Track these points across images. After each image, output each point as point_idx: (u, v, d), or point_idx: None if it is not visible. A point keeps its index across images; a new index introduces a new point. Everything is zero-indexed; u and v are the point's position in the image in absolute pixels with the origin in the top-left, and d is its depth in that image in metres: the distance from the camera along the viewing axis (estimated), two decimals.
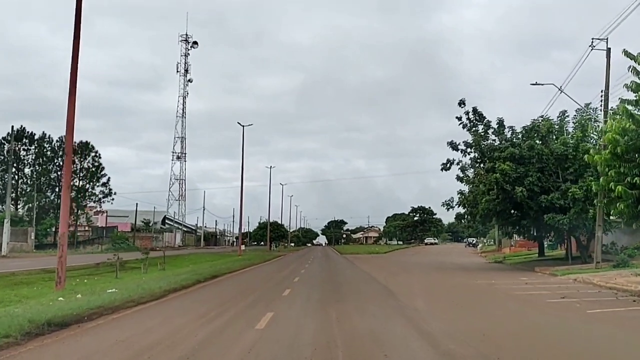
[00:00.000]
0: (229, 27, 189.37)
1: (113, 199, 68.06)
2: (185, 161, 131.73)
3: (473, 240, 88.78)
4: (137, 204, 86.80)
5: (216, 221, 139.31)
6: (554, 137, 31.98)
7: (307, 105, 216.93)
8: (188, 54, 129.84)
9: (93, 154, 66.30)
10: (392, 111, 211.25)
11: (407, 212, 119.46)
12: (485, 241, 76.83)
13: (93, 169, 66.55)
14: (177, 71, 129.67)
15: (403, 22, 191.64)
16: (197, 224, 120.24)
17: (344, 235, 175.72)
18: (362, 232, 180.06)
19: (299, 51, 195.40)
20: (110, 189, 67.64)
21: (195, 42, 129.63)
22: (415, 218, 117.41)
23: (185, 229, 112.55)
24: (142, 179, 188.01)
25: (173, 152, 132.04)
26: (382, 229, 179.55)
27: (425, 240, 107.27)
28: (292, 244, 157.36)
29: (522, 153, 30.81)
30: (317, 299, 14.98)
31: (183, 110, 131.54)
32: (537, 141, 31.77)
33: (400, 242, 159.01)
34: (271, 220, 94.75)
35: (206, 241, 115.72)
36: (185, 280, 20.61)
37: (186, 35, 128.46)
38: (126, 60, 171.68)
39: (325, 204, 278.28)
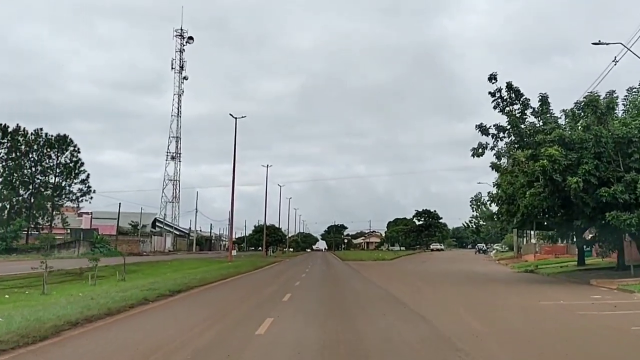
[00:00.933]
0: (231, 30, 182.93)
1: (92, 198, 61.40)
2: (180, 162, 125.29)
3: (483, 247, 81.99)
4: (119, 203, 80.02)
5: (211, 225, 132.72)
6: (607, 117, 25.43)
7: (309, 109, 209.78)
8: (183, 49, 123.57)
9: (71, 149, 59.61)
10: (394, 115, 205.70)
11: (410, 217, 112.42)
12: (500, 247, 70.17)
13: (71, 165, 59.81)
14: (172, 68, 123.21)
15: (405, 26, 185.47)
16: (190, 227, 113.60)
17: (345, 241, 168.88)
18: (363, 238, 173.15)
19: (300, 55, 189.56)
20: (89, 187, 60.89)
21: (190, 37, 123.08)
22: (420, 222, 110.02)
23: (177, 233, 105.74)
24: (143, 182, 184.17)
25: (167, 152, 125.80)
26: (383, 234, 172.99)
27: (431, 246, 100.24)
28: (291, 249, 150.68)
29: (572, 136, 24.29)
30: (316, 348, 8.40)
31: (178, 109, 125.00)
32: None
33: (403, 248, 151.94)
34: (268, 224, 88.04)
35: (200, 245, 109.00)
36: (125, 300, 14.10)
37: (181, 30, 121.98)
38: (128, 63, 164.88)
39: (325, 208, 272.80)
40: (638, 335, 9.67)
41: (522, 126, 25.76)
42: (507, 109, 26.91)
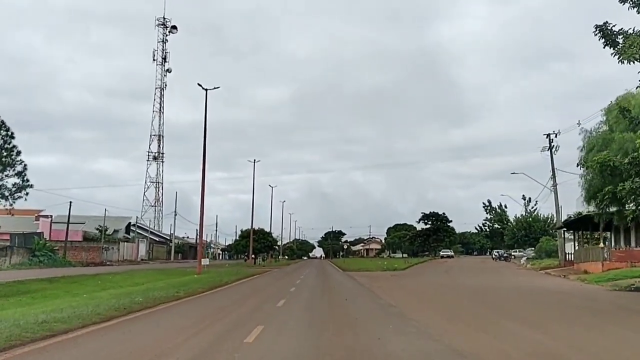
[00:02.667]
0: (227, 37, 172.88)
1: (27, 194, 47.88)
2: (162, 162, 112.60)
3: (503, 253, 68.99)
4: (70, 202, 66.30)
5: (197, 230, 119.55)
6: None
7: (306, 116, 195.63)
8: (166, 39, 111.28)
9: (4, 133, 46.37)
10: (391, 122, 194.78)
11: (410, 223, 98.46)
12: (533, 253, 57.51)
13: (3, 153, 46.57)
14: (154, 59, 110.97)
15: (402, 32, 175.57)
16: (172, 233, 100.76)
17: (344, 247, 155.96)
18: (362, 244, 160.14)
19: (296, 62, 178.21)
20: (26, 180, 47.42)
21: (174, 27, 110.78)
22: (427, 226, 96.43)
23: (157, 239, 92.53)
24: (140, 190, 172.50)
25: (149, 152, 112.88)
26: (383, 240, 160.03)
27: (441, 253, 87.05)
28: (285, 257, 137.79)
29: None
30: None
31: (160, 104, 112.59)
32: None
33: (405, 255, 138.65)
34: (258, 228, 74.84)
35: (182, 253, 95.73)
36: None
37: (164, 18, 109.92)
38: (123, 70, 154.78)
39: (323, 216, 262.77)
40: None
41: None
42: None
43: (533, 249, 61.95)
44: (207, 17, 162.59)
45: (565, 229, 43.59)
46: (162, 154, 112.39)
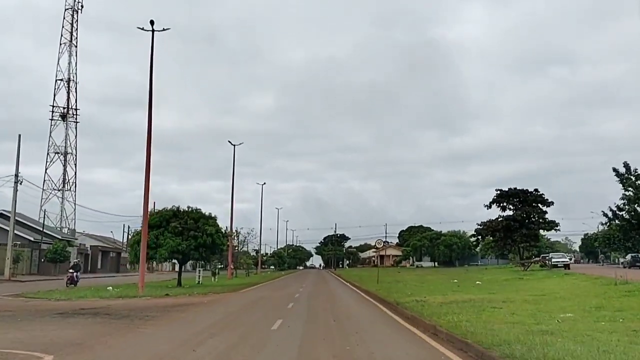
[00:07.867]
0: (221, 45, 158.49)
1: None
2: (76, 122, 71.46)
3: None
4: None
5: (126, 226, 78.59)
6: None
7: (302, 125, 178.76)
8: None
9: None
10: (388, 129, 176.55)
11: (485, 205, 54.32)
12: None
13: None
14: None
15: (401, 40, 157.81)
16: (73, 229, 59.63)
17: (352, 254, 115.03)
18: (374, 250, 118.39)
19: (292, 69, 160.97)
20: None
21: None
22: (505, 213, 52.69)
23: (33, 239, 50.65)
24: (136, 200, 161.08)
25: (53, 106, 71.48)
26: (394, 244, 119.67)
27: (553, 260, 44.96)
28: (270, 267, 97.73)
29: None
30: None
31: (71, 34, 71.71)
32: None
33: (435, 264, 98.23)
34: (186, 208, 33.18)
35: (90, 261, 54.16)
36: None
37: None
38: (115, 78, 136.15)
39: (320, 223, 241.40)
40: None
41: None
42: None
43: None
44: (203, 24, 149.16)
45: None
46: (76, 109, 71.57)
